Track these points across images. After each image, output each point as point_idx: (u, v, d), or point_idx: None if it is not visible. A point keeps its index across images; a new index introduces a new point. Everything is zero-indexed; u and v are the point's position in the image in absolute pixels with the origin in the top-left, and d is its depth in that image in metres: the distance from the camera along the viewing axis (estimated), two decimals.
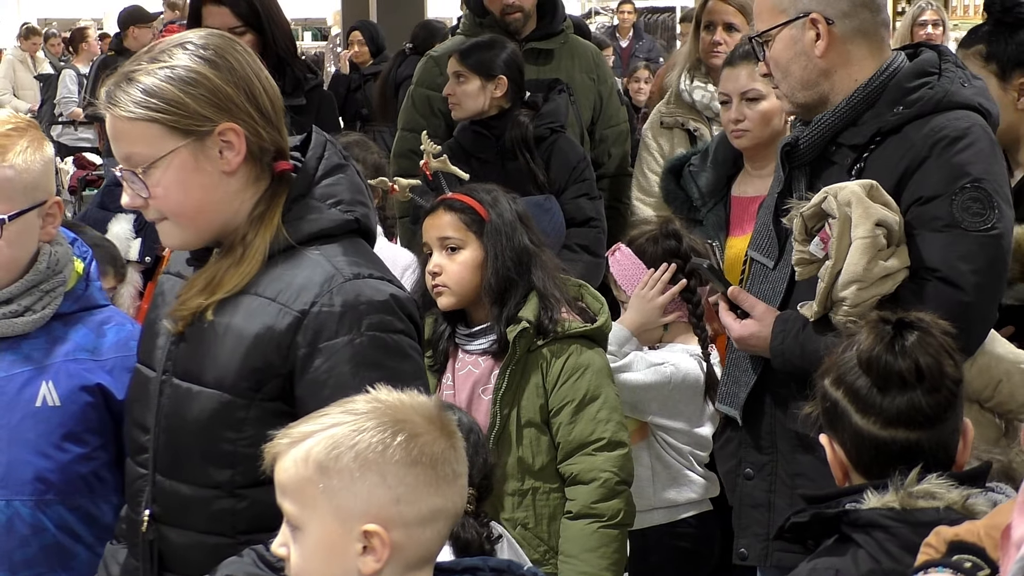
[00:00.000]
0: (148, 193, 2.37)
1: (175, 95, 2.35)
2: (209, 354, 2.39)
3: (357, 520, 1.98)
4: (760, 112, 4.24)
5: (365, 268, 2.41)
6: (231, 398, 2.36)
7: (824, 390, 2.37)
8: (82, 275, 2.88)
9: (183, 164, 2.37)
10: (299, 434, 2.02)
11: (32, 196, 2.75)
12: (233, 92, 2.38)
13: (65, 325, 2.82)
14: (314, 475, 1.98)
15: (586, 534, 3.46)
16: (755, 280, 3.32)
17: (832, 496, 2.32)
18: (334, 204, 2.45)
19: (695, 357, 3.87)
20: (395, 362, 2.36)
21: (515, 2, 5.32)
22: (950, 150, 3.01)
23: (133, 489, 2.52)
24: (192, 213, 2.40)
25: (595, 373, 3.52)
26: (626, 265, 3.94)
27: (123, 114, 2.35)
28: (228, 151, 2.38)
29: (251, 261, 2.39)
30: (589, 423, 3.49)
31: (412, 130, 5.38)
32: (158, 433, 2.45)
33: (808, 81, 3.16)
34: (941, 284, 2.99)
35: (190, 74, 2.36)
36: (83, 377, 2.79)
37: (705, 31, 5.05)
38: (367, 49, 10.58)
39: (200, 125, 2.36)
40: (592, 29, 16.14)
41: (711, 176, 4.44)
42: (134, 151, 2.37)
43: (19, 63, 14.98)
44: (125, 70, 2.38)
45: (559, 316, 3.50)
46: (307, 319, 2.33)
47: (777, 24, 3.16)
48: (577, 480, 3.49)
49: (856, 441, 2.32)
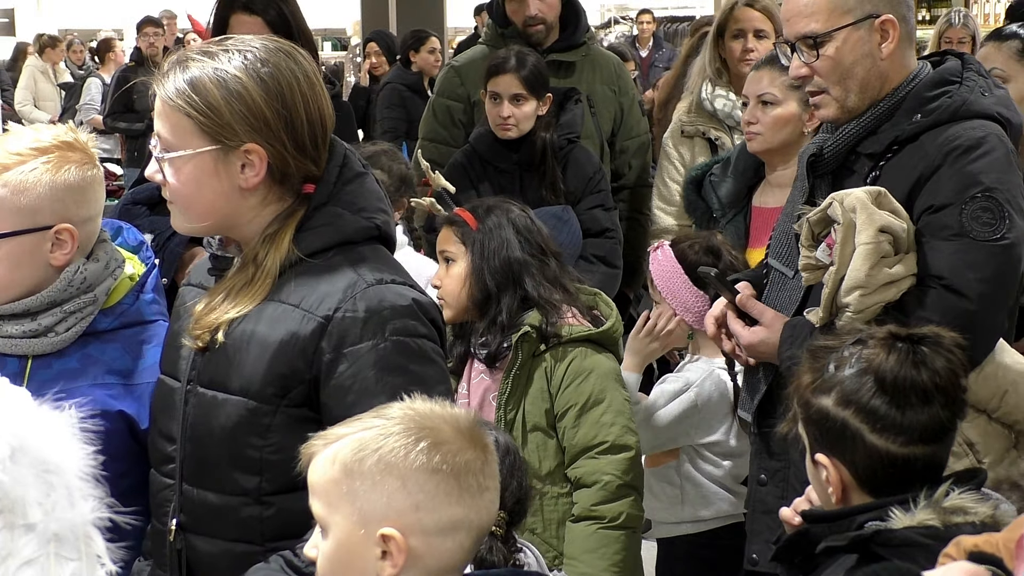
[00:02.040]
0: (166, 177, 2.43)
1: (215, 101, 2.38)
2: (234, 362, 2.40)
3: (376, 523, 1.99)
4: (773, 117, 4.24)
5: (387, 274, 2.42)
6: (257, 404, 2.37)
7: (825, 410, 2.31)
8: (136, 285, 2.79)
9: (203, 166, 2.40)
10: (333, 436, 2.05)
11: (30, 219, 2.63)
12: (271, 117, 2.39)
13: (101, 343, 2.73)
14: (339, 476, 2.00)
15: (586, 535, 3.46)
16: (773, 288, 3.31)
17: (841, 515, 2.28)
18: (356, 211, 2.46)
19: (719, 369, 3.86)
20: (419, 366, 2.38)
21: (538, 13, 5.32)
22: (964, 159, 3.00)
23: (159, 500, 2.52)
24: (201, 212, 2.44)
25: (600, 377, 3.53)
26: (666, 267, 3.91)
27: (164, 96, 2.41)
28: (249, 169, 2.40)
29: (263, 281, 2.41)
30: (593, 427, 3.50)
31: (433, 140, 5.40)
32: (184, 442, 2.46)
33: (868, 84, 3.13)
34: (945, 292, 2.97)
35: (237, 86, 2.38)
36: (106, 403, 2.67)
37: (734, 40, 5.05)
38: (384, 59, 10.60)
39: (229, 138, 2.39)
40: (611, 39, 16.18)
41: (731, 186, 4.44)
42: (164, 134, 2.43)
43: (40, 73, 14.99)
44: (186, 54, 2.44)
45: (560, 321, 3.51)
46: (331, 325, 2.35)
47: (842, 25, 3.11)
48: (581, 483, 3.50)
49: (870, 461, 2.27)
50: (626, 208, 5.44)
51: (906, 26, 3.14)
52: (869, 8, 3.10)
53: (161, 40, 12.00)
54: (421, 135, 5.52)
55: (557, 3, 5.37)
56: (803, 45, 3.15)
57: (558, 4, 5.37)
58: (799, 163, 3.30)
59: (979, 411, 3.12)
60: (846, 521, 2.26)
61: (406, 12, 13.67)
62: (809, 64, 3.14)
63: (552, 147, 4.92)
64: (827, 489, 2.33)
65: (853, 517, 2.25)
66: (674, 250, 3.93)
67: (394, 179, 4.42)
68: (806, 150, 3.27)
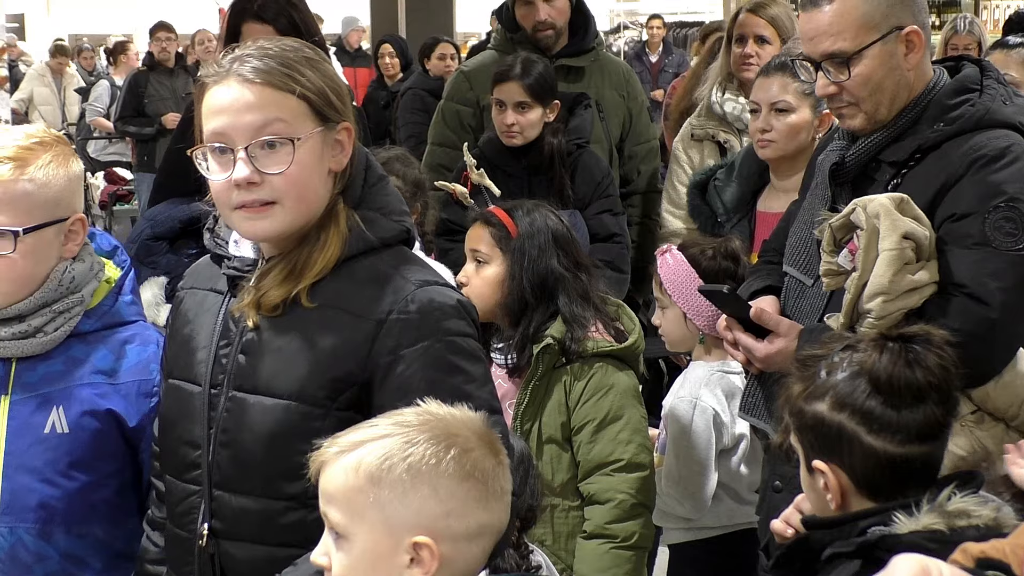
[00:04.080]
0: (284, 168, 2.34)
1: (318, 82, 2.37)
2: (278, 366, 2.37)
3: (407, 532, 1.98)
4: (788, 124, 4.23)
5: (429, 275, 2.43)
6: (308, 408, 2.34)
7: (820, 416, 2.30)
8: (114, 288, 2.82)
9: (313, 148, 2.36)
10: (348, 443, 2.03)
11: (52, 211, 2.70)
12: (346, 94, 2.42)
13: (85, 344, 2.76)
14: (365, 485, 1.99)
15: (598, 554, 3.43)
16: (791, 296, 3.29)
17: (843, 521, 2.27)
18: (386, 214, 2.46)
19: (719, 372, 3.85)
20: (470, 365, 2.38)
21: (547, 18, 5.32)
22: (988, 168, 2.99)
23: (183, 507, 2.48)
24: (311, 202, 2.39)
25: (619, 394, 3.50)
26: (677, 271, 3.88)
27: (270, 80, 2.34)
28: (339, 149, 2.41)
29: (331, 247, 2.38)
30: (609, 443, 3.47)
31: (442, 144, 5.40)
32: (215, 448, 2.42)
33: (896, 96, 3.12)
34: (968, 300, 2.96)
35: (322, 66, 2.41)
36: (95, 403, 2.72)
37: (736, 44, 5.06)
38: (398, 62, 10.61)
39: (332, 117, 2.38)
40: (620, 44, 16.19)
41: (736, 191, 4.43)
42: (277, 118, 2.34)
43: (39, 77, 15.01)
44: (251, 49, 2.38)
45: (583, 338, 3.48)
46: (385, 327, 2.33)
47: (871, 42, 3.08)
48: (594, 500, 3.47)
49: (868, 463, 2.27)
50: (636, 213, 5.44)
51: (926, 34, 3.14)
52: (894, 21, 3.09)
53: (173, 45, 12.03)
54: (430, 139, 5.53)
55: (567, 8, 5.37)
56: (831, 64, 3.12)
57: (568, 9, 5.38)
58: (817, 172, 3.29)
59: (997, 419, 3.12)
60: (848, 527, 2.25)
61: (416, 17, 13.67)
62: (838, 83, 3.12)
63: (560, 153, 4.92)
64: (825, 496, 2.32)
65: (855, 523, 2.25)
66: (685, 254, 3.92)
67: (408, 184, 4.42)
68: (826, 159, 3.26)
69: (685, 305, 3.85)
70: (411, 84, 9.25)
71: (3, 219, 2.65)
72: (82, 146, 13.26)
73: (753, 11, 5.10)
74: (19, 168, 2.66)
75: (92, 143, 13.22)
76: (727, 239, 4.03)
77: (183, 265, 4.30)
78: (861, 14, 3.09)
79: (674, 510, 3.77)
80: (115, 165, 12.75)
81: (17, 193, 2.66)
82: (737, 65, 5.03)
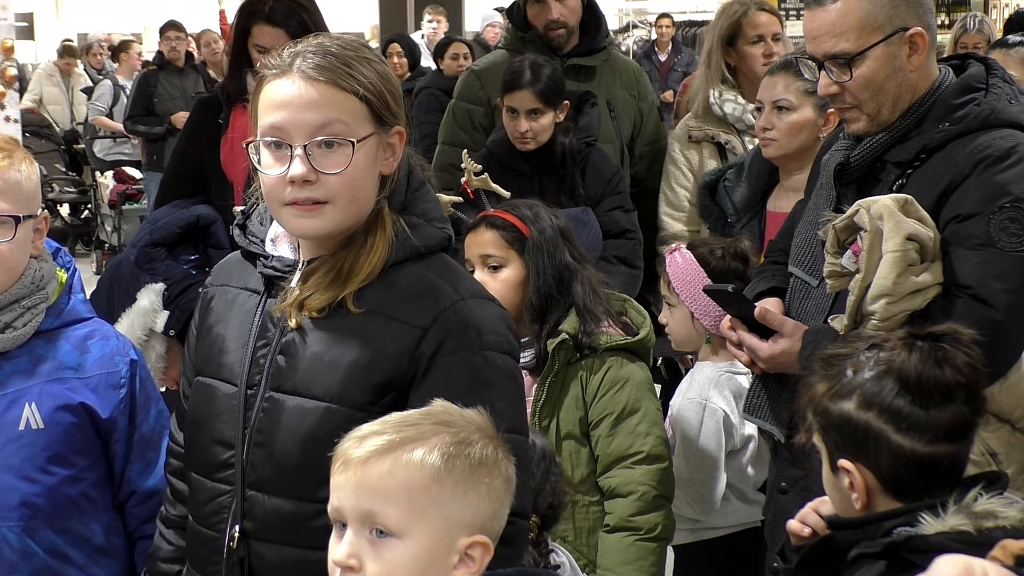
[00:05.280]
0: (341, 168, 2.32)
1: (379, 87, 2.35)
2: (319, 369, 2.35)
3: (461, 531, 1.97)
4: (789, 123, 4.24)
5: (475, 286, 2.43)
6: (349, 411, 2.32)
7: (846, 415, 2.29)
8: (65, 288, 2.86)
9: (369, 151, 2.35)
10: (402, 440, 1.98)
11: (33, 205, 2.77)
12: (401, 96, 2.41)
13: (47, 342, 2.79)
14: (428, 482, 1.96)
15: (623, 547, 3.44)
16: (796, 296, 3.30)
17: (868, 521, 2.26)
18: (429, 220, 2.45)
19: (727, 373, 3.85)
20: (504, 383, 2.37)
21: (559, 17, 5.32)
22: (992, 169, 2.99)
23: (211, 507, 2.45)
24: (363, 203, 2.37)
25: (635, 386, 3.51)
26: (686, 270, 3.89)
27: (334, 78, 2.32)
28: (390, 153, 2.39)
29: (378, 251, 2.37)
30: (628, 436, 3.48)
31: (452, 144, 5.40)
32: (250, 448, 2.40)
33: (899, 98, 3.12)
34: (972, 301, 2.95)
35: (384, 69, 2.39)
36: (67, 397, 2.76)
37: (753, 45, 5.04)
38: (406, 62, 10.60)
39: (388, 120, 2.37)
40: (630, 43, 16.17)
41: (746, 191, 4.43)
42: (338, 118, 2.32)
43: (48, 77, 15.03)
44: (316, 42, 2.36)
45: (597, 331, 3.49)
46: (429, 335, 2.32)
47: (874, 43, 3.08)
48: (615, 493, 3.48)
49: (896, 462, 2.26)
50: (646, 213, 5.43)
51: (931, 35, 3.13)
52: (898, 22, 3.08)
53: (183, 44, 12.04)
54: (441, 139, 5.53)
55: (578, 7, 5.38)
56: (833, 64, 3.12)
57: (579, 8, 5.38)
58: (822, 172, 3.29)
59: (1003, 421, 3.12)
60: (873, 527, 2.24)
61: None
62: (840, 83, 3.12)
63: (572, 151, 4.93)
64: (850, 496, 2.31)
65: (880, 523, 2.23)
66: (694, 253, 3.92)
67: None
68: (831, 159, 3.26)
69: (692, 304, 3.86)
70: (426, 83, 9.22)
71: (4, 206, 2.70)
72: (89, 146, 13.28)
73: (763, 9, 5.09)
74: (8, 158, 2.72)
75: (97, 143, 13.22)
76: (736, 239, 4.03)
77: (181, 271, 4.31)
78: (865, 14, 3.08)
79: (682, 511, 3.77)
80: (121, 164, 12.76)
81: (11, 181, 2.72)
82: (761, 65, 5.01)
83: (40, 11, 23.23)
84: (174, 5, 16.60)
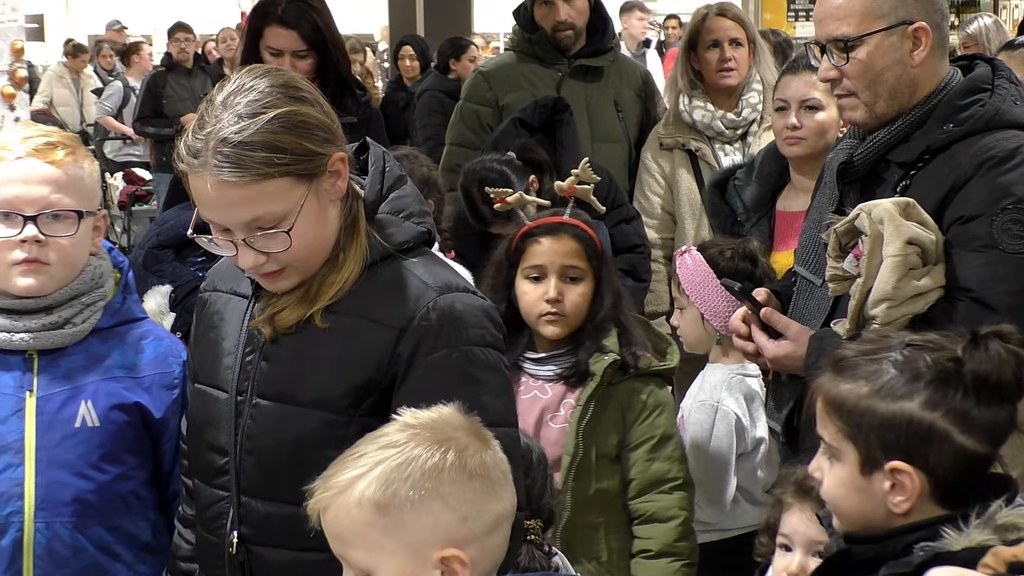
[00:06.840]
0: (285, 247, 2.32)
1: (298, 143, 2.30)
2: (303, 374, 2.37)
3: (430, 548, 1.96)
4: (818, 122, 4.24)
5: (453, 280, 2.42)
6: (333, 416, 2.34)
7: (906, 415, 2.16)
8: (120, 287, 2.87)
9: (311, 209, 2.33)
10: (343, 482, 1.98)
11: (93, 202, 2.79)
12: (328, 120, 2.36)
13: (103, 341, 2.80)
14: (373, 517, 1.96)
15: (670, 572, 3.44)
16: (800, 296, 3.30)
17: (889, 536, 2.17)
18: (406, 217, 2.45)
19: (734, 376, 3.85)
20: (488, 376, 2.37)
21: (567, 18, 5.33)
22: (996, 170, 2.97)
23: (211, 512, 2.49)
24: (318, 251, 2.37)
25: (670, 412, 3.52)
26: (696, 271, 3.87)
27: (248, 177, 2.26)
28: (336, 179, 2.37)
29: (349, 266, 2.38)
30: (666, 462, 3.47)
31: (460, 144, 5.41)
32: (241, 454, 2.43)
33: (897, 91, 3.11)
34: (974, 304, 2.94)
35: (297, 118, 2.31)
36: (121, 396, 2.77)
37: (709, 51, 5.02)
38: (418, 64, 10.61)
39: (319, 166, 2.33)
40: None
41: (756, 190, 4.43)
42: (265, 211, 2.30)
43: (58, 78, 15.04)
44: (220, 133, 2.28)
45: (641, 352, 3.48)
46: (407, 334, 2.33)
47: (875, 30, 3.09)
48: (654, 518, 3.46)
49: (959, 464, 2.16)
50: None
51: (939, 34, 3.12)
52: (903, 14, 3.09)
53: (192, 46, 12.07)
54: (448, 140, 5.54)
55: (586, 8, 5.39)
56: (834, 48, 3.13)
57: (587, 9, 5.39)
58: (826, 170, 3.29)
59: None
60: (893, 541, 2.15)
61: (434, 17, 13.67)
62: (839, 67, 3.13)
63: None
64: (887, 500, 2.19)
65: (901, 537, 2.15)
66: (704, 254, 3.91)
67: (416, 182, 4.40)
68: (835, 157, 3.26)
69: (703, 306, 3.85)
70: (427, 86, 9.23)
71: (68, 200, 2.72)
72: (99, 147, 13.30)
73: (722, 14, 5.06)
74: (72, 154, 2.75)
75: (108, 144, 13.24)
76: (745, 240, 4.02)
77: (188, 273, 4.33)
78: (870, 1, 3.09)
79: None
80: (131, 166, 12.78)
81: (75, 177, 2.75)
82: (714, 72, 5.00)
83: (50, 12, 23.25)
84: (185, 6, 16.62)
